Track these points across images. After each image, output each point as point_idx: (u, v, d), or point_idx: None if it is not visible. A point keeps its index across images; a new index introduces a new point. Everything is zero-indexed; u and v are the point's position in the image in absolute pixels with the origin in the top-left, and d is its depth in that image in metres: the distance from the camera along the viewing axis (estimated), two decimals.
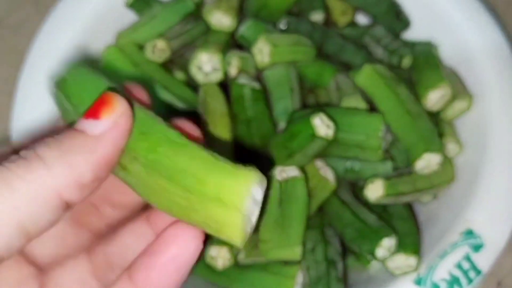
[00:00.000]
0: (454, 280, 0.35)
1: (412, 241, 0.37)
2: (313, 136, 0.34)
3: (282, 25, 0.43)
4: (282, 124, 0.38)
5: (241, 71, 0.39)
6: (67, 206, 0.21)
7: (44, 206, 0.20)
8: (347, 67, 0.43)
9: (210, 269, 0.37)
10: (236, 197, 0.21)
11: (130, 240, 0.26)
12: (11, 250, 0.20)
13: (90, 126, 0.21)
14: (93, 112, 0.22)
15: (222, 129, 0.37)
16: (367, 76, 0.39)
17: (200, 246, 0.23)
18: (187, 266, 0.23)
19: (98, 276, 0.25)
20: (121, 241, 0.26)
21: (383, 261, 0.36)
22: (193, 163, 0.22)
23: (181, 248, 0.23)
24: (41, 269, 0.25)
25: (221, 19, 0.42)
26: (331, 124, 0.35)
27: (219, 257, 0.36)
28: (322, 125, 0.35)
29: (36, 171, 0.20)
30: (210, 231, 0.22)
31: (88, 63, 0.42)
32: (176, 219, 0.23)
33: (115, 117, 0.21)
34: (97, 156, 0.21)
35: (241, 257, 0.37)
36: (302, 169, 0.36)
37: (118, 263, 0.25)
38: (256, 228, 0.37)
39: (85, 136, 0.21)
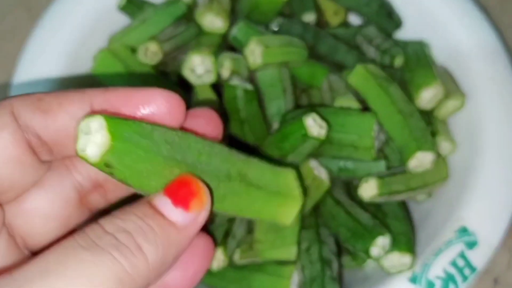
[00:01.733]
0: (449, 277, 0.35)
1: (406, 240, 0.37)
2: (306, 136, 0.34)
3: (274, 27, 0.43)
4: (275, 125, 0.38)
5: (234, 72, 0.40)
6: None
7: None
8: (339, 67, 0.43)
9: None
10: (292, 188, 0.28)
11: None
12: None
13: (179, 217, 0.21)
14: (182, 200, 0.22)
15: None
16: (359, 76, 0.40)
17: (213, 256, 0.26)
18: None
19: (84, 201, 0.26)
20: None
21: (377, 259, 0.36)
22: (258, 172, 0.26)
23: (202, 261, 0.26)
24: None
25: (213, 21, 0.42)
26: (323, 124, 0.35)
27: (214, 258, 0.36)
28: (314, 125, 0.35)
29: (140, 267, 0.20)
30: (264, 218, 0.28)
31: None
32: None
33: (202, 212, 0.22)
34: (182, 250, 0.22)
35: (236, 258, 0.37)
36: (296, 169, 0.36)
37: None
38: (251, 229, 0.37)
39: (175, 229, 0.21)
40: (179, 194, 0.22)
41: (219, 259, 0.37)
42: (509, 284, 0.45)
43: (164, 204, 0.21)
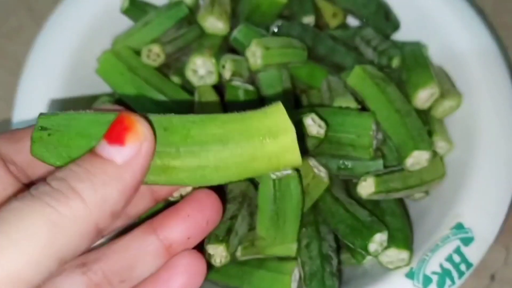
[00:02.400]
0: (446, 273, 0.36)
1: (404, 236, 0.38)
2: (305, 135, 0.35)
3: (274, 28, 0.44)
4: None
5: (235, 73, 0.40)
6: (101, 232, 0.22)
7: (83, 237, 0.21)
8: (338, 68, 0.44)
9: (208, 266, 0.38)
10: (282, 123, 0.24)
11: (135, 252, 0.26)
12: (46, 277, 0.20)
13: (116, 153, 0.22)
14: (116, 137, 0.22)
15: None
16: (357, 77, 0.40)
17: (205, 274, 0.25)
18: None
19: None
20: (126, 253, 0.26)
21: (376, 255, 0.37)
22: (230, 125, 0.24)
23: (189, 279, 0.24)
24: None
25: (214, 24, 0.43)
26: (322, 123, 0.36)
27: (216, 254, 0.37)
28: (314, 125, 0.36)
29: (74, 207, 0.20)
30: (272, 169, 0.24)
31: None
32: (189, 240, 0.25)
33: (141, 143, 0.22)
34: (127, 184, 0.22)
35: (238, 254, 0.38)
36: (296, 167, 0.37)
37: (121, 276, 0.26)
38: (253, 226, 0.38)
39: (112, 165, 0.21)
40: (113, 132, 0.22)
41: (221, 256, 0.37)
42: (505, 280, 0.45)
43: (102, 146, 0.22)
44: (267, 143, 0.24)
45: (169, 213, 0.26)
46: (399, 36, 0.46)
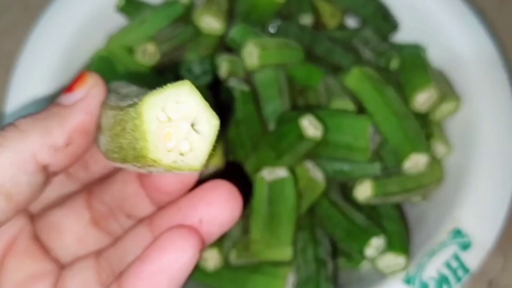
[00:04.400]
0: (443, 278, 0.36)
1: (401, 241, 0.37)
2: (301, 137, 0.35)
3: (271, 28, 0.43)
4: (271, 125, 0.39)
5: (231, 73, 0.40)
6: (45, 170, 0.22)
7: (22, 169, 0.22)
8: (336, 69, 0.43)
9: (201, 270, 0.37)
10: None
11: (130, 244, 0.25)
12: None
13: (64, 98, 0.23)
14: (68, 88, 0.23)
15: None
16: (355, 78, 0.40)
17: (197, 255, 0.22)
18: (181, 277, 0.22)
19: (101, 281, 0.25)
20: (122, 245, 0.25)
21: (372, 260, 0.36)
22: None
23: (175, 257, 0.22)
24: (62, 266, 0.25)
25: (210, 23, 0.42)
26: (319, 125, 0.36)
27: (210, 258, 0.37)
28: (310, 126, 0.35)
29: (11, 137, 0.21)
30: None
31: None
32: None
33: (87, 89, 0.23)
34: (69, 122, 0.23)
35: (232, 258, 0.37)
36: (292, 170, 0.37)
37: (117, 267, 0.25)
38: (247, 229, 0.37)
39: (58, 106, 0.23)
40: (69, 85, 0.24)
41: (215, 259, 0.37)
42: (503, 287, 0.45)
43: (58, 98, 0.24)
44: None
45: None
46: (398, 38, 0.46)
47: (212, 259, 0.37)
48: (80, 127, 0.23)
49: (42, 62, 0.42)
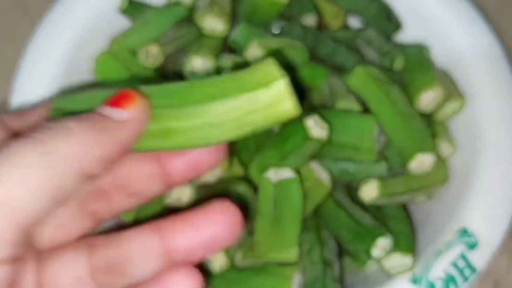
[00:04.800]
0: (450, 278, 0.36)
1: (407, 241, 0.37)
2: (307, 137, 0.35)
3: (275, 29, 0.43)
4: (276, 126, 0.38)
5: None
6: (86, 177, 0.23)
7: (69, 176, 0.22)
8: (339, 70, 0.44)
9: (207, 272, 0.37)
10: (273, 73, 0.24)
11: (135, 247, 0.26)
12: (42, 216, 0.22)
13: (115, 113, 0.24)
14: (116, 102, 0.25)
15: None
16: (359, 78, 0.40)
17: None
18: None
19: (95, 277, 0.25)
20: (126, 246, 0.26)
21: (378, 260, 0.36)
22: (225, 84, 0.25)
23: None
24: (39, 254, 0.25)
25: (213, 24, 0.42)
26: (324, 125, 0.36)
27: (216, 260, 0.36)
28: (315, 127, 0.35)
29: (61, 145, 0.22)
30: (270, 121, 0.25)
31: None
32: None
33: (139, 110, 0.25)
34: (120, 141, 0.24)
35: (238, 260, 0.37)
36: (297, 171, 0.37)
37: (117, 268, 0.25)
38: (252, 231, 0.37)
39: (111, 120, 0.24)
40: (116, 99, 0.25)
41: (220, 261, 0.37)
42: (509, 287, 0.45)
43: (102, 108, 0.25)
44: (261, 93, 0.25)
45: (177, 218, 0.26)
46: (402, 38, 0.46)
47: (218, 261, 0.37)
48: (126, 145, 0.24)
49: (44, 66, 0.42)
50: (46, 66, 0.42)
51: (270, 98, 0.25)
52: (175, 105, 0.25)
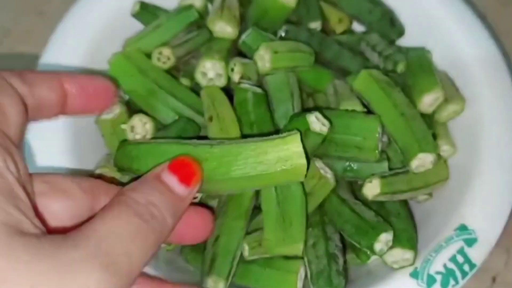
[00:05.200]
0: (450, 272, 0.37)
1: (408, 236, 0.38)
2: (308, 131, 0.36)
3: (282, 33, 0.44)
4: (282, 126, 0.40)
5: (244, 76, 0.41)
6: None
7: (153, 245, 0.26)
8: (344, 73, 0.45)
9: None
10: (296, 152, 0.33)
11: None
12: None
13: (184, 191, 0.29)
14: (185, 178, 0.29)
15: (234, 134, 0.39)
16: (363, 81, 0.41)
17: None
18: None
19: None
20: None
21: (381, 255, 0.38)
22: (257, 152, 0.33)
23: None
24: None
25: (223, 28, 0.43)
26: (326, 122, 0.37)
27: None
28: (317, 122, 0.36)
29: (154, 222, 0.26)
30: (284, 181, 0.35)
31: None
32: None
33: (197, 185, 0.30)
34: (181, 212, 0.28)
35: (245, 254, 0.38)
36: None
37: None
38: (259, 229, 0.39)
39: (181, 200, 0.28)
40: (183, 173, 0.29)
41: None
42: (506, 283, 0.46)
43: (171, 181, 0.29)
44: (283, 166, 0.32)
45: None
46: (404, 42, 0.47)
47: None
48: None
49: (61, 68, 0.43)
50: (63, 68, 0.43)
51: (289, 173, 0.33)
52: (221, 166, 0.32)
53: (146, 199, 0.27)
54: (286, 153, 0.32)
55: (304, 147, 0.33)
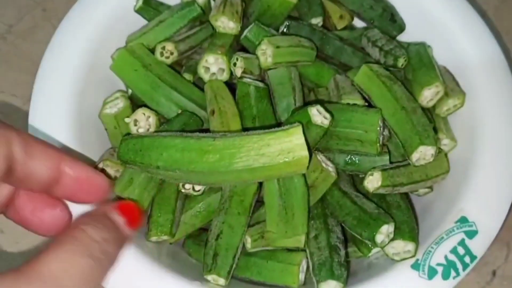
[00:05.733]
0: (451, 264, 0.37)
1: (409, 228, 0.38)
2: (310, 123, 0.36)
3: (283, 29, 0.45)
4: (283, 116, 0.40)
5: (246, 71, 0.41)
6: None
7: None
8: (345, 68, 0.45)
9: None
10: (298, 144, 0.33)
11: None
12: None
13: (130, 232, 0.31)
14: (132, 222, 0.31)
15: (235, 128, 0.39)
16: (364, 75, 0.41)
17: None
18: None
19: None
20: None
21: (382, 247, 0.38)
22: (260, 144, 0.33)
23: None
24: None
25: (226, 23, 0.44)
26: (327, 115, 0.37)
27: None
28: (318, 115, 0.37)
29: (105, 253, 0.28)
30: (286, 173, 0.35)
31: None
32: None
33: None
34: (122, 247, 0.30)
35: (248, 246, 0.39)
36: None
37: None
38: (261, 222, 0.39)
39: (124, 236, 0.30)
40: (130, 217, 0.31)
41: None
42: (506, 277, 0.46)
43: (119, 220, 0.30)
44: (285, 158, 0.33)
45: None
46: (404, 39, 0.48)
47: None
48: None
49: (64, 64, 0.43)
50: (66, 64, 0.43)
51: (292, 164, 0.33)
52: (224, 159, 0.33)
53: (100, 236, 0.28)
54: (288, 145, 0.33)
55: (306, 139, 0.33)
